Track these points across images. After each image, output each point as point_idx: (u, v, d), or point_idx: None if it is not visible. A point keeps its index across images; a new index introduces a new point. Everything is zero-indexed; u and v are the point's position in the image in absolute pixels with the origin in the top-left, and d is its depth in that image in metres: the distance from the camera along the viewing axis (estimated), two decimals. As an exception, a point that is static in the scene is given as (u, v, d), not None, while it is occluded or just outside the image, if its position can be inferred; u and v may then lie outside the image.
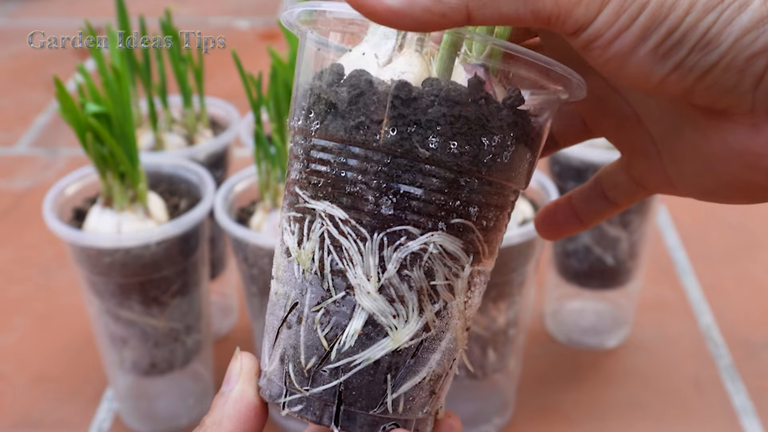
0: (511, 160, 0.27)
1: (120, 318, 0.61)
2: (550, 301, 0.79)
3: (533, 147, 0.29)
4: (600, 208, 0.36)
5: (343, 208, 0.27)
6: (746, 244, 0.91)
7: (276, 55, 0.60)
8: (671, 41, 0.25)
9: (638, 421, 0.69)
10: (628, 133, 0.32)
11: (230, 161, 0.76)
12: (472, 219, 0.27)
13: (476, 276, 0.29)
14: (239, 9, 1.59)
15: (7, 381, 0.73)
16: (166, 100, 0.74)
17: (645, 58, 0.25)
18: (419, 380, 0.28)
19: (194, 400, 0.69)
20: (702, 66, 0.25)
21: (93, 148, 0.56)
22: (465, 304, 0.29)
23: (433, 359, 0.28)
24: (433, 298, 0.28)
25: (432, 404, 0.30)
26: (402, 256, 0.27)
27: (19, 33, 1.50)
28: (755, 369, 0.73)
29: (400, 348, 0.28)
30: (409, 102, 0.26)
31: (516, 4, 0.24)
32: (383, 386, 0.28)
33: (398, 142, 0.26)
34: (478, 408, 0.67)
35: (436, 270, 0.27)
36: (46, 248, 0.90)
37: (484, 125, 0.27)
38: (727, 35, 0.24)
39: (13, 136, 1.16)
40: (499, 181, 0.28)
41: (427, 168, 0.27)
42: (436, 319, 0.28)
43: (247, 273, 0.60)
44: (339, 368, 0.28)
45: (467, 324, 0.30)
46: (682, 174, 0.30)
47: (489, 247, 0.29)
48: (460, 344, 0.30)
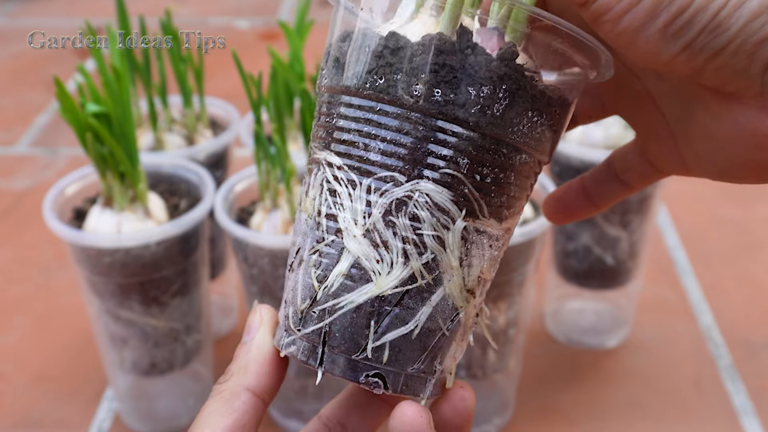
0: (504, 114, 0.27)
1: (120, 318, 0.61)
2: (550, 301, 0.79)
3: (544, 110, 0.28)
4: (613, 191, 0.36)
5: (339, 156, 0.29)
6: (746, 244, 0.91)
7: (276, 55, 0.60)
8: (681, 21, 0.25)
9: (638, 421, 0.69)
10: (643, 113, 0.32)
11: (230, 161, 0.76)
12: (461, 171, 0.27)
13: (473, 234, 0.28)
14: (239, 9, 1.59)
15: (7, 381, 0.73)
16: (166, 100, 0.74)
17: (655, 36, 0.25)
18: (406, 332, 0.28)
19: (194, 400, 0.69)
20: (711, 48, 0.25)
21: (93, 148, 0.56)
22: (460, 261, 0.28)
23: (422, 312, 0.28)
24: (420, 249, 0.28)
25: (426, 363, 0.29)
26: (387, 201, 0.28)
27: (19, 33, 1.50)
28: (755, 369, 0.73)
29: (384, 294, 0.28)
30: (396, 51, 0.27)
31: None
32: (365, 331, 0.28)
33: (385, 90, 0.27)
34: (478, 408, 0.67)
35: (423, 219, 0.28)
36: (46, 248, 0.90)
37: (470, 74, 0.27)
38: (737, 19, 0.24)
39: (13, 136, 1.16)
40: (491, 134, 0.27)
41: (413, 116, 0.27)
42: (423, 271, 0.28)
43: (247, 273, 0.60)
44: (326, 310, 0.29)
45: (470, 286, 0.29)
46: (695, 155, 0.31)
47: (490, 206, 0.28)
48: (462, 306, 0.29)
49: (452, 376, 0.30)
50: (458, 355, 0.31)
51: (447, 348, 0.30)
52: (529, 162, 0.29)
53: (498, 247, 0.30)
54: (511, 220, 0.30)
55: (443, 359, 0.30)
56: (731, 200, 0.98)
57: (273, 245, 0.56)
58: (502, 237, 0.30)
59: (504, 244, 0.30)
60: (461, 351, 0.31)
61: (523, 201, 0.30)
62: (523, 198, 0.30)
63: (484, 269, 0.29)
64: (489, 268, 0.30)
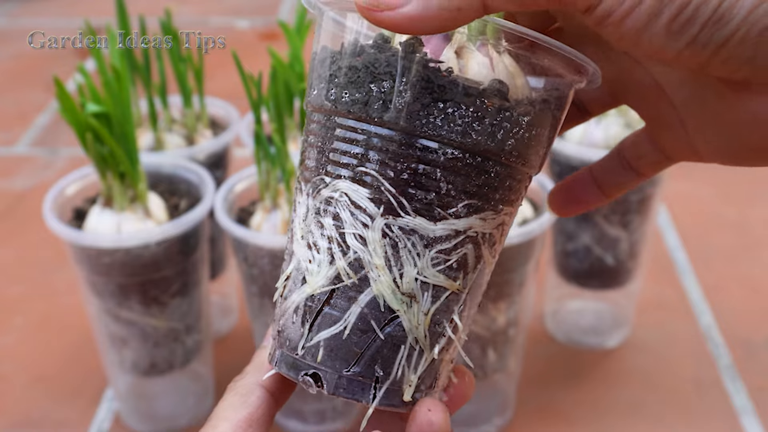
0: (408, 107, 0.27)
1: (120, 318, 0.61)
2: (550, 301, 0.79)
3: (462, 102, 0.27)
4: (624, 179, 0.36)
5: (298, 165, 0.31)
6: (746, 244, 0.91)
7: (276, 55, 0.60)
8: (683, 17, 0.25)
9: (638, 421, 0.69)
10: (652, 102, 0.32)
11: (230, 161, 0.76)
12: (374, 168, 0.27)
13: (399, 233, 0.28)
14: (239, 9, 1.59)
15: (7, 381, 0.73)
16: (166, 100, 0.74)
17: (658, 35, 0.25)
18: (336, 331, 0.28)
19: (194, 400, 0.69)
20: (716, 41, 0.25)
21: (93, 148, 0.56)
22: (386, 261, 0.28)
23: (351, 312, 0.28)
24: (343, 248, 0.28)
25: (364, 367, 0.28)
26: (317, 203, 0.29)
27: (19, 33, 1.50)
28: (755, 369, 0.73)
29: (315, 293, 0.29)
30: (322, 62, 0.29)
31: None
32: (301, 330, 0.29)
33: (314, 99, 0.29)
34: (478, 408, 0.67)
35: (344, 218, 0.28)
36: (46, 248, 0.90)
37: (371, 72, 0.27)
38: (740, 8, 0.25)
39: (13, 136, 1.16)
40: (398, 129, 0.27)
41: (333, 120, 0.28)
42: (348, 270, 0.28)
43: (247, 273, 0.60)
44: (280, 311, 0.31)
45: (406, 289, 0.28)
46: (707, 141, 0.31)
47: (413, 203, 0.27)
48: (400, 310, 0.28)
49: (411, 389, 0.29)
50: (421, 369, 0.29)
51: (392, 355, 0.29)
52: (461, 157, 0.28)
53: (445, 250, 0.28)
54: (458, 221, 0.28)
55: (387, 366, 0.29)
56: (731, 200, 0.98)
57: (273, 245, 0.56)
58: (447, 239, 0.28)
59: (459, 249, 0.29)
60: (431, 367, 0.29)
61: (474, 201, 0.28)
62: (469, 198, 0.28)
63: (427, 273, 0.28)
64: (439, 274, 0.28)
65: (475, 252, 0.29)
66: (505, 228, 0.30)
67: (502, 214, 0.29)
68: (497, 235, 0.30)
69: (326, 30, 0.30)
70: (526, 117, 0.28)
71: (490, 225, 0.29)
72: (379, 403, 0.29)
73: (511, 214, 0.30)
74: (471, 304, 0.30)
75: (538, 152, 0.30)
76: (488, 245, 0.30)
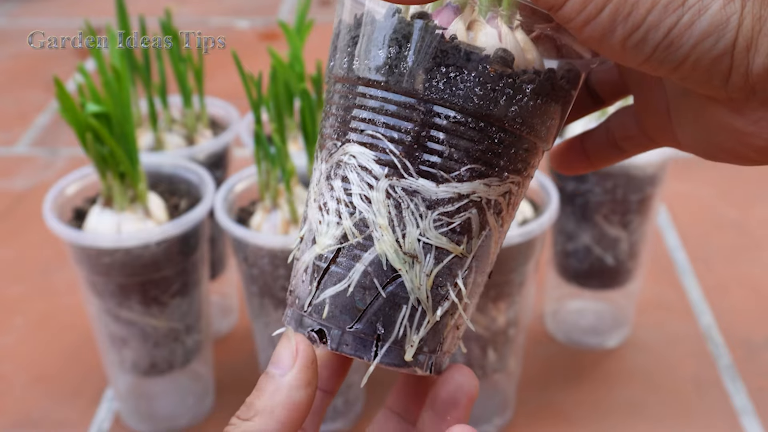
0: (412, 71, 0.28)
1: (120, 318, 0.61)
2: (550, 301, 0.79)
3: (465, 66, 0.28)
4: (608, 154, 0.37)
5: (318, 135, 0.32)
6: (746, 244, 0.91)
7: (276, 55, 0.60)
8: (636, 37, 0.25)
9: (638, 421, 0.69)
10: (647, 85, 0.33)
11: (230, 161, 0.76)
12: (380, 131, 0.29)
13: (402, 193, 0.29)
14: (239, 9, 1.59)
15: (7, 381, 0.73)
16: (166, 100, 0.74)
17: (616, 47, 0.26)
18: (341, 288, 0.29)
19: (194, 400, 0.69)
20: (671, 61, 0.26)
21: (93, 148, 0.56)
22: (390, 221, 0.29)
23: (355, 269, 0.29)
24: (350, 208, 0.29)
25: (366, 325, 0.29)
26: (328, 166, 0.30)
27: (19, 33, 1.50)
28: (755, 369, 0.73)
29: (323, 253, 0.30)
30: (337, 35, 0.31)
31: None
32: (309, 287, 0.30)
33: (330, 69, 0.31)
34: (478, 408, 0.67)
35: (352, 180, 0.29)
36: (46, 248, 0.90)
37: (379, 39, 0.29)
38: (688, 38, 0.25)
39: (13, 136, 1.16)
40: (402, 92, 0.28)
41: (343, 87, 0.30)
42: (354, 230, 0.29)
43: (247, 273, 0.60)
44: (293, 273, 0.32)
45: (408, 249, 0.29)
46: (685, 133, 0.31)
47: (415, 165, 0.28)
48: (403, 269, 0.29)
49: (412, 349, 0.30)
50: (424, 330, 0.30)
51: (393, 313, 0.29)
52: (464, 122, 0.28)
53: (448, 213, 0.29)
54: (461, 185, 0.29)
55: (389, 325, 0.29)
56: (731, 200, 0.98)
57: (273, 245, 0.56)
58: (450, 202, 0.29)
59: (462, 213, 0.29)
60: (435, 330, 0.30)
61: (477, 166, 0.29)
62: (473, 163, 0.29)
63: (429, 235, 0.29)
64: (442, 237, 0.29)
65: (479, 217, 0.30)
66: (512, 198, 0.31)
67: (507, 181, 0.30)
68: (503, 203, 0.30)
69: (343, 4, 0.31)
70: (530, 85, 0.29)
71: (495, 192, 0.30)
72: (380, 361, 0.30)
73: (519, 184, 0.31)
74: (478, 270, 0.31)
75: (545, 122, 0.30)
76: (494, 212, 0.30)
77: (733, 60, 0.25)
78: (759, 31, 0.25)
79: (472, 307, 0.32)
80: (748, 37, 0.25)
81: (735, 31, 0.25)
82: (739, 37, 0.25)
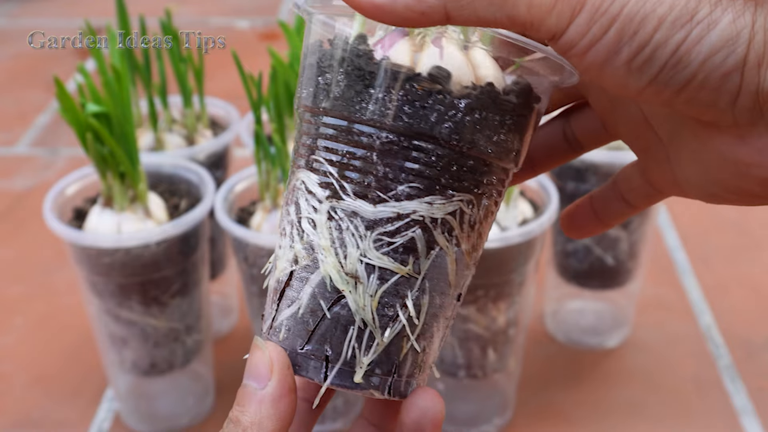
0: (343, 94, 0.29)
1: (120, 318, 0.61)
2: (550, 301, 0.79)
3: (393, 86, 0.28)
4: (618, 210, 0.36)
5: None
6: (746, 244, 0.91)
7: (276, 55, 0.60)
8: (642, 57, 0.25)
9: (638, 421, 0.69)
10: (641, 135, 0.32)
11: (230, 161, 0.76)
12: (322, 155, 0.29)
13: (342, 215, 0.29)
14: (239, 9, 1.59)
15: (7, 381, 0.73)
16: (166, 100, 0.74)
17: (620, 70, 0.25)
18: (294, 311, 0.30)
19: (194, 400, 0.69)
20: (677, 82, 0.25)
21: (93, 148, 0.56)
22: (332, 242, 0.29)
23: (305, 292, 0.30)
24: (300, 232, 0.30)
25: (315, 346, 0.29)
26: (287, 193, 0.31)
27: (19, 33, 1.50)
28: (755, 369, 0.73)
29: (279, 276, 0.31)
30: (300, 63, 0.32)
31: (492, 9, 0.25)
32: (270, 309, 0.31)
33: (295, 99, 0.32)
34: (478, 408, 0.67)
35: (301, 204, 0.30)
36: (46, 248, 0.90)
37: (320, 66, 0.30)
38: (697, 54, 0.24)
39: (13, 136, 1.16)
40: (337, 116, 0.29)
41: (300, 115, 0.31)
42: (303, 253, 0.30)
43: (247, 273, 0.60)
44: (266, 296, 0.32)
45: (350, 269, 0.29)
46: (687, 178, 0.31)
47: (353, 185, 0.29)
48: (346, 290, 0.29)
49: (361, 371, 0.29)
50: (374, 352, 0.29)
51: (341, 335, 0.29)
52: (396, 141, 0.28)
53: (388, 233, 0.29)
54: (399, 204, 0.29)
55: (337, 346, 0.29)
56: (731, 200, 0.98)
57: (273, 245, 0.56)
58: (389, 222, 0.29)
59: (404, 232, 0.29)
60: (387, 351, 0.30)
61: (415, 184, 0.29)
62: (410, 182, 0.29)
63: (371, 255, 0.29)
64: (383, 257, 0.29)
65: (425, 237, 0.29)
66: (466, 216, 0.30)
67: (454, 200, 0.29)
68: (454, 223, 0.30)
69: (305, 33, 0.32)
70: (464, 100, 0.28)
71: (441, 210, 0.29)
72: (332, 383, 0.30)
73: (472, 203, 0.30)
74: (434, 292, 0.30)
75: (491, 138, 0.29)
76: (443, 232, 0.29)
77: (743, 77, 0.24)
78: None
79: (437, 331, 0.31)
80: (760, 53, 0.24)
81: (746, 46, 0.24)
82: (750, 53, 0.24)
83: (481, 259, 0.33)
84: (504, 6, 0.25)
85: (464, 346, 0.62)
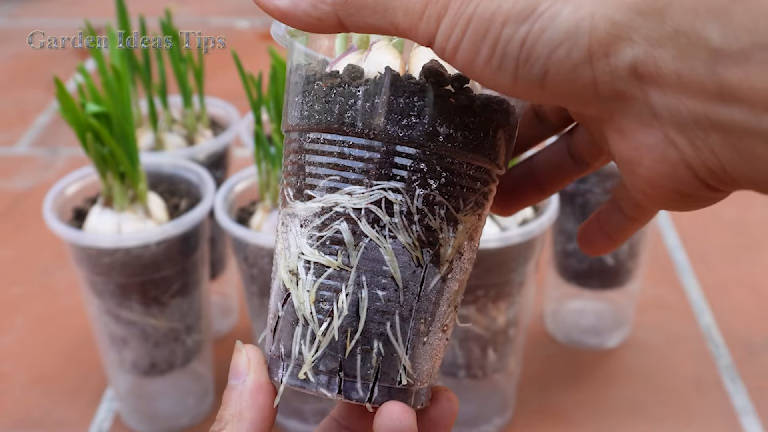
0: (288, 106, 0.31)
1: (120, 318, 0.61)
2: (550, 301, 0.79)
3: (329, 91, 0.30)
4: (622, 225, 0.35)
5: None
6: (746, 244, 0.91)
7: (276, 55, 0.60)
8: (498, 54, 0.24)
9: (638, 421, 0.69)
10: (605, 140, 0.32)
11: (230, 161, 0.76)
12: (287, 168, 0.31)
13: (287, 218, 0.31)
14: (239, 9, 1.59)
15: (7, 381, 0.73)
16: (166, 100, 0.74)
17: (486, 70, 0.25)
18: (269, 315, 0.32)
19: (194, 400, 0.69)
20: (535, 77, 0.24)
21: (93, 148, 0.56)
22: (282, 246, 0.31)
23: (271, 298, 0.32)
24: (277, 241, 0.32)
25: (275, 347, 0.31)
26: None
27: (19, 33, 1.50)
28: (755, 369, 0.73)
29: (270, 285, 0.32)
30: None
31: (377, 17, 0.26)
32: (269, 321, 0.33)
33: None
34: (478, 408, 0.67)
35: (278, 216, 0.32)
36: (46, 248, 0.90)
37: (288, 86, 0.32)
38: (542, 48, 0.24)
39: (13, 136, 1.16)
40: (287, 129, 0.32)
41: None
42: (275, 260, 0.32)
43: (247, 273, 0.60)
44: None
45: (291, 267, 0.30)
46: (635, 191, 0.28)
47: (293, 189, 0.31)
48: (290, 288, 0.30)
49: (306, 366, 0.30)
50: (316, 349, 0.29)
51: (288, 332, 0.30)
52: (318, 139, 0.30)
53: (317, 227, 0.30)
54: (322, 198, 0.29)
55: (288, 344, 0.30)
56: (731, 200, 0.98)
57: (273, 245, 0.56)
58: (316, 216, 0.29)
59: (330, 225, 0.29)
60: (331, 348, 0.29)
61: (333, 177, 0.29)
62: (329, 176, 0.29)
63: (305, 251, 0.30)
64: (315, 251, 0.29)
65: (351, 228, 0.29)
66: (394, 206, 0.29)
67: (376, 188, 0.29)
68: (380, 212, 0.29)
69: None
70: (361, 87, 0.29)
71: (363, 200, 0.29)
72: (286, 382, 0.30)
73: (401, 191, 0.29)
74: (374, 287, 0.29)
75: (399, 122, 0.29)
76: (369, 222, 0.29)
77: (594, 68, 0.24)
78: (616, 35, 0.23)
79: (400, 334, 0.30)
80: (604, 43, 0.23)
81: (587, 38, 0.23)
82: (593, 44, 0.23)
83: (481, 259, 0.33)
84: (386, 14, 0.26)
85: (464, 346, 0.62)
